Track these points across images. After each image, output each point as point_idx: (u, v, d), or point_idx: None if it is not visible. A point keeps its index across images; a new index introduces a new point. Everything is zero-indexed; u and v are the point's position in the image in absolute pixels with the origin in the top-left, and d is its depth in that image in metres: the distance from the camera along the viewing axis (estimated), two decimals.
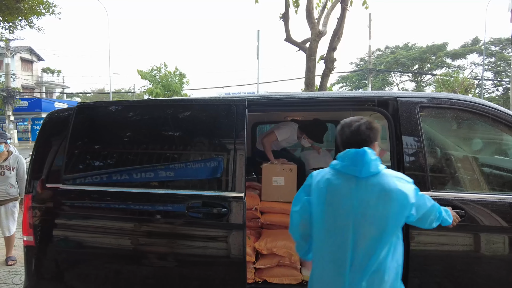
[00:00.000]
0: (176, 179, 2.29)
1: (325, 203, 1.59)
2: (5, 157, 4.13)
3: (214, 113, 2.33)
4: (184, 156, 2.32)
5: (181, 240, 2.26)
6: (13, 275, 3.83)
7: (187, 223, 2.22)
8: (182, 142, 2.35)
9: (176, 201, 2.22)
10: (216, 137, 2.30)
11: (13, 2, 5.43)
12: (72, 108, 2.46)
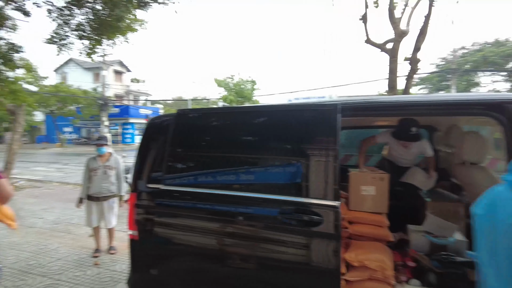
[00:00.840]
0: (267, 183, 2.32)
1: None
2: (106, 158, 4.66)
3: (307, 118, 2.31)
4: (276, 161, 2.34)
5: (270, 245, 2.28)
6: (115, 263, 4.30)
7: (278, 229, 2.23)
8: (274, 147, 2.38)
9: (269, 206, 2.24)
10: (308, 143, 2.28)
11: (115, 22, 6.16)
12: (173, 114, 2.66)
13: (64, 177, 12.83)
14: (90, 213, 4.56)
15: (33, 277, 3.90)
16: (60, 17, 6.68)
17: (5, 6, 6.39)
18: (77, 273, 4.01)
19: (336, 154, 2.14)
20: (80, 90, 32.16)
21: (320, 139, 2.21)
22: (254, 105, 2.73)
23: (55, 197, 8.71)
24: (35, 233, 5.58)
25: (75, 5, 6.35)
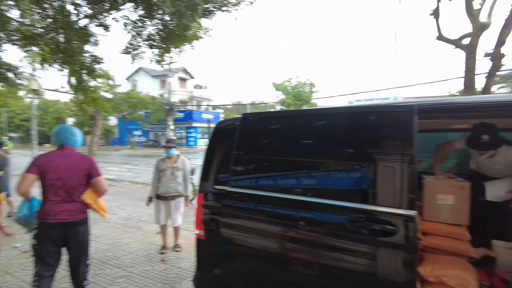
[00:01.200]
0: (335, 189, 2.23)
1: None
2: (175, 160, 4.91)
3: (379, 120, 2.18)
4: (345, 166, 2.23)
5: (336, 253, 2.18)
6: (180, 261, 4.50)
7: (346, 237, 2.12)
8: (343, 151, 2.28)
9: (337, 213, 2.15)
10: (381, 147, 2.14)
11: (182, 32, 6.52)
12: (238, 118, 2.71)
13: (134, 176, 13.89)
14: (159, 211, 4.84)
15: (110, 268, 4.25)
16: (134, 29, 7.27)
17: (90, 23, 7.14)
18: (147, 268, 4.27)
19: (412, 159, 1.98)
20: (149, 96, 34.71)
21: (394, 143, 2.07)
22: (322, 107, 2.65)
23: (127, 195, 9.45)
24: (110, 228, 6.09)
25: (147, 17, 6.86)
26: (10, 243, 5.07)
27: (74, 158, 2.89)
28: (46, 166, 2.75)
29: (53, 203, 2.77)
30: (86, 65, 7.55)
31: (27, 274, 4.06)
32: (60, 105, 44.67)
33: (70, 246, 2.85)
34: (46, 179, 2.75)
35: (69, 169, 2.81)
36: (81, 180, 2.88)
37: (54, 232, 2.76)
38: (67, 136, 2.95)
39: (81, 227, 2.88)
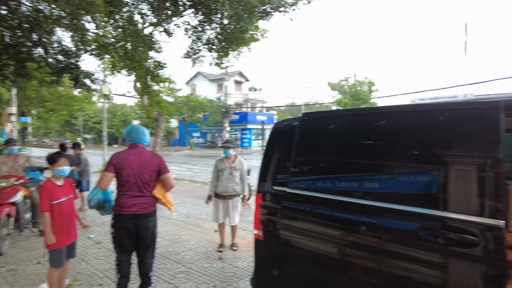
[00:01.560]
0: (405, 193, 2.05)
1: None
2: (233, 160, 4.98)
3: (460, 119, 1.96)
4: (417, 169, 2.05)
5: (403, 262, 2.00)
6: (237, 260, 4.55)
7: (416, 245, 1.94)
8: (412, 152, 2.10)
9: (407, 219, 1.98)
10: (459, 148, 1.93)
11: (240, 34, 6.63)
12: (298, 118, 2.64)
13: (193, 176, 14.49)
14: (217, 210, 4.95)
15: (171, 263, 4.44)
16: (194, 34, 7.58)
17: (154, 30, 7.62)
18: (205, 265, 4.38)
19: (498, 162, 1.74)
20: (206, 99, 36.10)
21: (476, 143, 1.84)
22: (391, 105, 2.47)
23: (186, 193, 9.87)
24: (171, 224, 6.39)
25: (206, 22, 7.11)
26: (85, 234, 5.56)
27: (145, 156, 3.10)
28: (121, 164, 3.00)
29: (126, 197, 3.02)
30: (150, 70, 8.06)
31: (100, 263, 4.41)
32: (127, 108, 48.44)
33: (140, 236, 3.09)
34: (121, 175, 3.00)
35: (141, 166, 3.03)
36: (152, 176, 3.09)
37: (127, 222, 3.01)
38: (138, 135, 3.17)
39: (150, 219, 3.11)
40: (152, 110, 10.46)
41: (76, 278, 3.93)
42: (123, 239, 3.06)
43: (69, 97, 23.23)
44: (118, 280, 3.19)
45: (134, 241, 3.10)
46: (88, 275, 4.02)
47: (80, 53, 7.06)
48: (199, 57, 7.81)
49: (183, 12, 7.13)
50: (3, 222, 4.71)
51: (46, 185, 3.19)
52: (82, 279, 3.90)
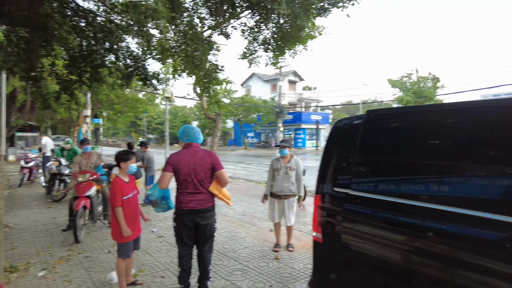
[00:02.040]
0: (483, 197, 1.83)
1: None
2: (288, 160, 4.93)
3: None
4: (498, 171, 1.81)
5: (479, 274, 1.78)
6: (293, 261, 4.49)
7: (498, 258, 1.71)
8: (495, 152, 1.86)
9: (487, 227, 1.76)
10: None
11: (297, 32, 6.54)
12: (361, 116, 2.51)
13: (248, 175, 14.70)
14: (273, 209, 4.94)
15: (228, 260, 4.53)
16: (250, 35, 7.66)
17: (212, 33, 7.85)
18: (261, 264, 4.39)
19: None
20: (261, 100, 36.45)
21: None
22: (472, 100, 2.20)
23: (242, 192, 10.03)
24: (228, 221, 6.53)
25: (262, 22, 7.13)
26: (148, 228, 5.93)
27: (200, 154, 3.23)
28: (178, 164, 3.17)
29: (184, 194, 3.19)
30: (209, 73, 8.32)
31: (162, 256, 4.65)
32: (187, 110, 50.88)
33: (199, 230, 3.24)
34: (179, 175, 3.18)
35: (196, 164, 3.17)
36: (207, 173, 3.21)
37: (186, 217, 3.18)
38: (193, 134, 3.32)
39: (207, 214, 3.23)
40: (211, 111, 10.85)
41: (140, 269, 4.19)
42: (183, 233, 3.23)
43: (134, 99, 25.12)
44: (179, 273, 3.35)
45: (193, 235, 3.25)
46: (151, 267, 4.26)
47: (146, 57, 7.56)
48: (255, 58, 7.88)
49: (240, 14, 7.24)
50: (80, 213, 5.21)
51: (117, 182, 3.45)
52: (146, 270, 4.14)
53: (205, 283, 3.37)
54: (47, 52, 6.89)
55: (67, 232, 5.67)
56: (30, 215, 6.91)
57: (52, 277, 3.93)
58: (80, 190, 5.40)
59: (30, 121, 22.29)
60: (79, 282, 3.81)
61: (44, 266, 4.23)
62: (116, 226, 3.42)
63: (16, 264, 4.21)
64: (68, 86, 7.72)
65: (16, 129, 19.91)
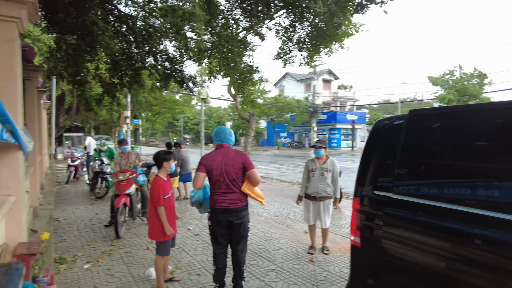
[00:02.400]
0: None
1: None
2: (323, 161, 4.82)
3: None
4: None
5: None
6: (329, 264, 4.39)
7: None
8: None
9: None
10: None
11: (333, 30, 6.41)
12: (403, 116, 2.39)
13: (281, 175, 14.64)
14: (308, 211, 4.86)
15: (262, 260, 4.52)
16: (285, 35, 7.62)
17: (247, 34, 7.91)
18: (296, 266, 4.34)
19: None
20: (294, 100, 36.18)
21: None
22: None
23: (275, 192, 10.00)
24: (262, 222, 6.53)
25: (297, 21, 7.07)
26: (185, 226, 6.08)
27: (231, 155, 3.27)
28: (210, 165, 3.23)
29: (217, 194, 3.25)
30: (244, 73, 8.39)
31: (197, 253, 4.74)
32: (221, 111, 51.72)
33: (232, 229, 3.28)
34: (211, 175, 3.24)
35: (227, 165, 3.22)
36: (238, 173, 3.24)
37: (220, 216, 3.23)
38: (224, 135, 3.38)
39: (241, 214, 3.26)
40: (245, 111, 10.94)
41: (177, 266, 4.29)
42: (217, 232, 3.30)
43: (171, 101, 25.99)
44: (214, 271, 3.41)
45: (227, 234, 3.30)
46: (187, 264, 4.35)
47: (183, 59, 7.78)
48: (290, 58, 7.83)
49: (275, 14, 7.23)
50: (120, 210, 5.45)
51: (158, 181, 3.56)
52: (182, 268, 4.24)
53: (240, 283, 3.39)
54: (91, 57, 7.29)
55: (109, 228, 5.95)
56: (76, 211, 7.35)
57: (96, 270, 4.14)
58: (121, 188, 5.65)
59: (76, 122, 23.78)
60: (120, 276, 3.98)
61: (89, 259, 4.47)
62: (156, 224, 3.51)
63: (65, 256, 4.48)
64: (110, 89, 8.13)
65: (64, 129, 21.32)
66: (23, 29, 2.97)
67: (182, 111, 30.64)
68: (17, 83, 2.81)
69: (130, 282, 3.83)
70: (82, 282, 3.81)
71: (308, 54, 7.49)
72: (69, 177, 11.48)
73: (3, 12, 2.66)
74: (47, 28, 6.73)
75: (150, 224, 3.63)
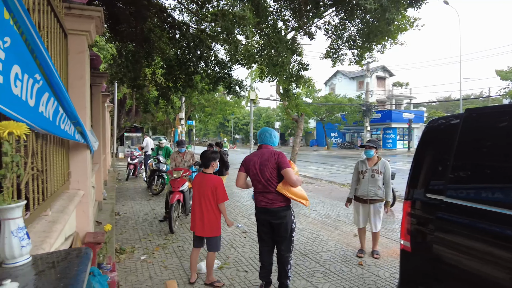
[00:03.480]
0: None
1: None
2: (375, 162, 4.66)
3: None
4: None
5: None
6: (379, 269, 4.24)
7: None
8: None
9: None
10: None
11: (386, 26, 6.16)
12: (459, 115, 2.25)
13: (331, 176, 14.34)
14: (357, 213, 4.73)
15: (309, 261, 4.50)
16: (334, 33, 7.48)
17: (296, 34, 7.90)
18: (344, 268, 4.26)
19: None
20: (345, 98, 35.11)
21: None
22: None
23: (324, 193, 9.84)
24: (310, 223, 6.48)
25: (347, 19, 6.90)
26: (234, 223, 6.25)
27: (266, 155, 3.37)
28: (248, 165, 3.42)
29: (256, 193, 3.44)
30: (293, 73, 8.39)
31: (245, 251, 4.86)
32: (270, 111, 52.03)
33: (274, 229, 3.39)
34: (250, 175, 3.43)
35: (261, 165, 3.34)
36: (272, 173, 3.31)
37: (260, 215, 3.42)
38: (264, 137, 3.52)
39: (279, 214, 3.32)
40: (292, 112, 10.93)
41: (226, 262, 4.45)
42: (260, 229, 3.49)
43: (223, 102, 26.78)
44: (260, 268, 3.52)
45: (269, 233, 3.45)
46: (235, 261, 4.49)
47: (232, 63, 8.02)
48: (339, 56, 7.66)
49: (324, 12, 7.13)
50: (174, 206, 5.77)
51: (218, 178, 3.75)
52: (230, 264, 4.38)
53: (285, 282, 3.43)
54: (148, 62, 7.82)
55: (163, 222, 6.34)
56: (134, 206, 7.92)
57: (151, 261, 4.45)
58: (175, 185, 5.99)
59: (135, 123, 25.55)
60: (173, 268, 4.23)
61: (145, 251, 4.81)
62: (217, 220, 3.68)
63: (124, 247, 4.88)
64: (165, 92, 8.63)
65: (124, 130, 23.03)
66: (91, 40, 3.30)
67: (233, 112, 31.39)
68: (86, 89, 3.13)
69: (182, 274, 4.05)
70: (139, 271, 4.12)
71: (359, 52, 7.27)
72: (128, 174, 12.38)
73: (75, 27, 2.99)
74: (111, 37, 7.36)
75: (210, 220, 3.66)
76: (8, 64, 1.27)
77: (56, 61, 2.48)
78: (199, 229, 3.73)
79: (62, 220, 2.10)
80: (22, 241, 1.21)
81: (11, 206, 1.20)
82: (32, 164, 1.83)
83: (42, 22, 2.11)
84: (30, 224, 1.83)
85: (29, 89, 1.52)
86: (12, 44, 1.31)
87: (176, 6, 7.83)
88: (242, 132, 54.39)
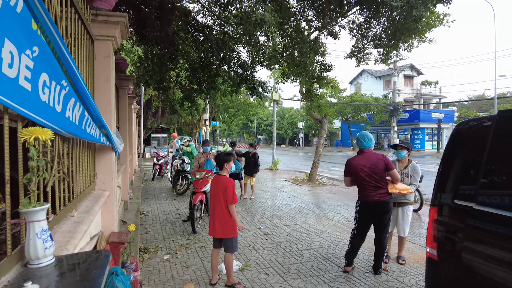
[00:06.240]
0: None
1: None
2: (405, 165, 4.50)
3: None
4: None
5: None
6: (404, 275, 4.10)
7: None
8: None
9: None
10: None
11: (413, 24, 5.95)
12: (492, 117, 2.12)
13: None
14: None
15: (332, 265, 4.42)
16: (359, 32, 7.31)
17: (319, 34, 7.79)
18: (367, 273, 4.14)
19: None
20: (372, 98, 34.29)
21: None
22: None
23: (349, 196, 9.63)
24: (333, 226, 6.36)
25: (373, 17, 6.72)
26: (256, 224, 6.24)
27: (373, 158, 3.95)
28: (355, 169, 3.96)
29: (367, 191, 3.95)
30: (315, 74, 8.29)
31: (267, 253, 4.84)
32: (294, 111, 51.70)
33: (379, 218, 3.99)
34: (358, 177, 3.96)
35: (372, 166, 3.91)
36: (382, 172, 3.94)
37: (371, 208, 3.97)
38: (362, 142, 4.03)
39: (388, 205, 3.96)
40: (314, 113, 10.81)
41: (247, 264, 4.44)
42: (364, 224, 4.11)
43: (246, 103, 26.90)
44: (349, 249, 4.20)
45: (369, 226, 4.12)
46: (257, 263, 4.47)
47: (255, 65, 8.03)
48: (364, 55, 7.48)
49: (348, 11, 6.99)
50: (197, 206, 5.84)
51: (230, 180, 3.75)
52: (251, 266, 4.37)
53: (379, 262, 4.10)
54: (173, 65, 7.97)
55: (187, 222, 6.43)
56: (159, 205, 8.10)
57: (174, 261, 4.52)
58: (198, 186, 6.06)
59: (161, 124, 26.14)
60: (195, 269, 4.28)
61: (168, 251, 4.90)
62: (228, 222, 3.69)
63: (148, 247, 4.99)
64: (190, 94, 8.77)
65: (151, 131, 23.63)
66: (116, 45, 3.40)
67: (256, 113, 31.45)
68: (111, 92, 3.23)
69: (203, 275, 4.09)
70: (162, 271, 4.20)
71: (385, 50, 7.07)
72: (154, 174, 12.68)
73: (101, 33, 3.09)
74: (137, 41, 7.57)
75: (221, 222, 3.71)
76: (36, 72, 1.32)
77: (83, 66, 2.57)
78: (211, 229, 3.80)
79: (87, 220, 2.17)
80: (45, 243, 1.26)
81: (35, 209, 1.24)
82: (58, 167, 1.90)
83: (70, 29, 2.19)
84: (56, 225, 1.91)
85: (56, 95, 1.58)
86: (40, 53, 1.36)
87: (200, 10, 7.95)
88: (265, 132, 54.39)
